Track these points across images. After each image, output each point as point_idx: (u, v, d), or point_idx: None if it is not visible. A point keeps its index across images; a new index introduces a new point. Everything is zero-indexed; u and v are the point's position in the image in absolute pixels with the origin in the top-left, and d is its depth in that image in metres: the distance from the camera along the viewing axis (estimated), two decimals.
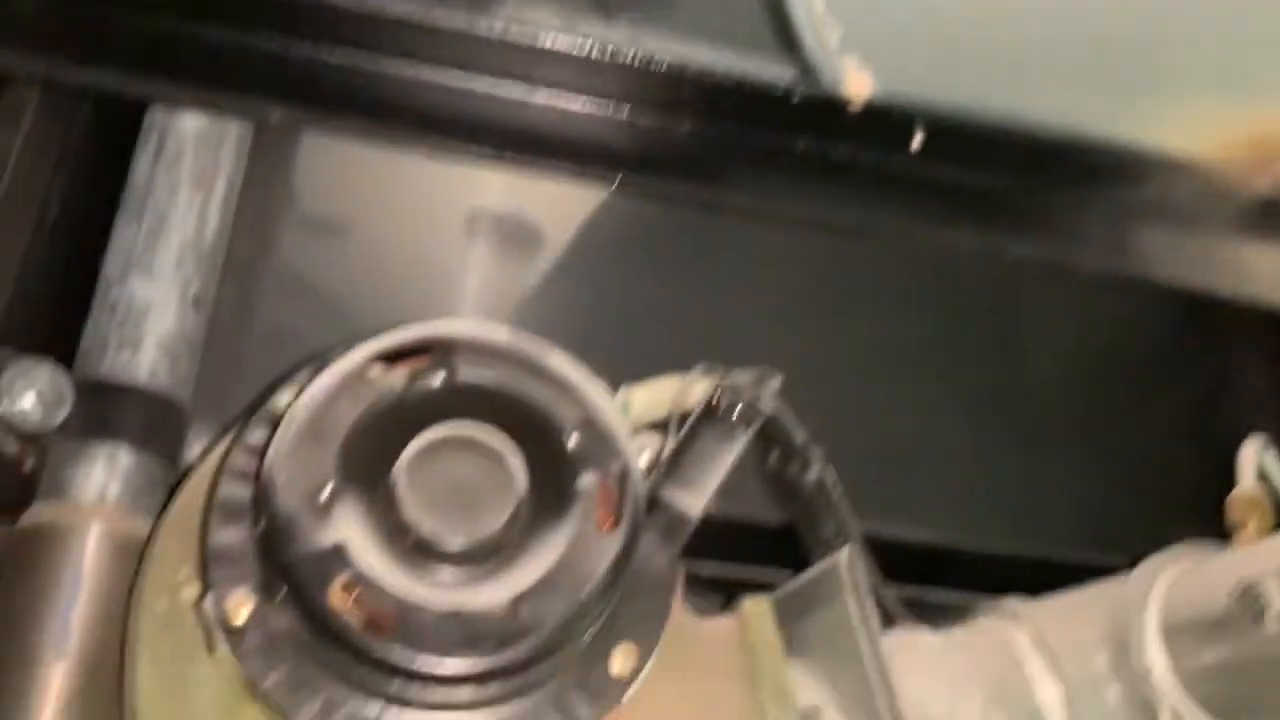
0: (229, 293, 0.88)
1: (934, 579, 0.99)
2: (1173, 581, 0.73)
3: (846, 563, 0.69)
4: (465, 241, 0.96)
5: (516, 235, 0.98)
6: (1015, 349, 1.07)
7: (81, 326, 0.81)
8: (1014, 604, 0.80)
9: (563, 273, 0.96)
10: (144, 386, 0.78)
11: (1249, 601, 0.63)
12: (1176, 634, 0.72)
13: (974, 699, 0.73)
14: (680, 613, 0.69)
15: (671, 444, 0.61)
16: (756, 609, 0.72)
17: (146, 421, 0.77)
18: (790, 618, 0.76)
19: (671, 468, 0.60)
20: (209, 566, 0.57)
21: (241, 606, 0.56)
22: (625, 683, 0.60)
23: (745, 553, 0.94)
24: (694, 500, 0.60)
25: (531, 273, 0.96)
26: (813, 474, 0.74)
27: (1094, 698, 0.74)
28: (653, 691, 0.67)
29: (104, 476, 0.75)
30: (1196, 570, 0.73)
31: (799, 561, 0.79)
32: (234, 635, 0.56)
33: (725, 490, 0.76)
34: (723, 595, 0.80)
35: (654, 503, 0.61)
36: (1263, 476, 0.77)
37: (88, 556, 0.71)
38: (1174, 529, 0.82)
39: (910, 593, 0.94)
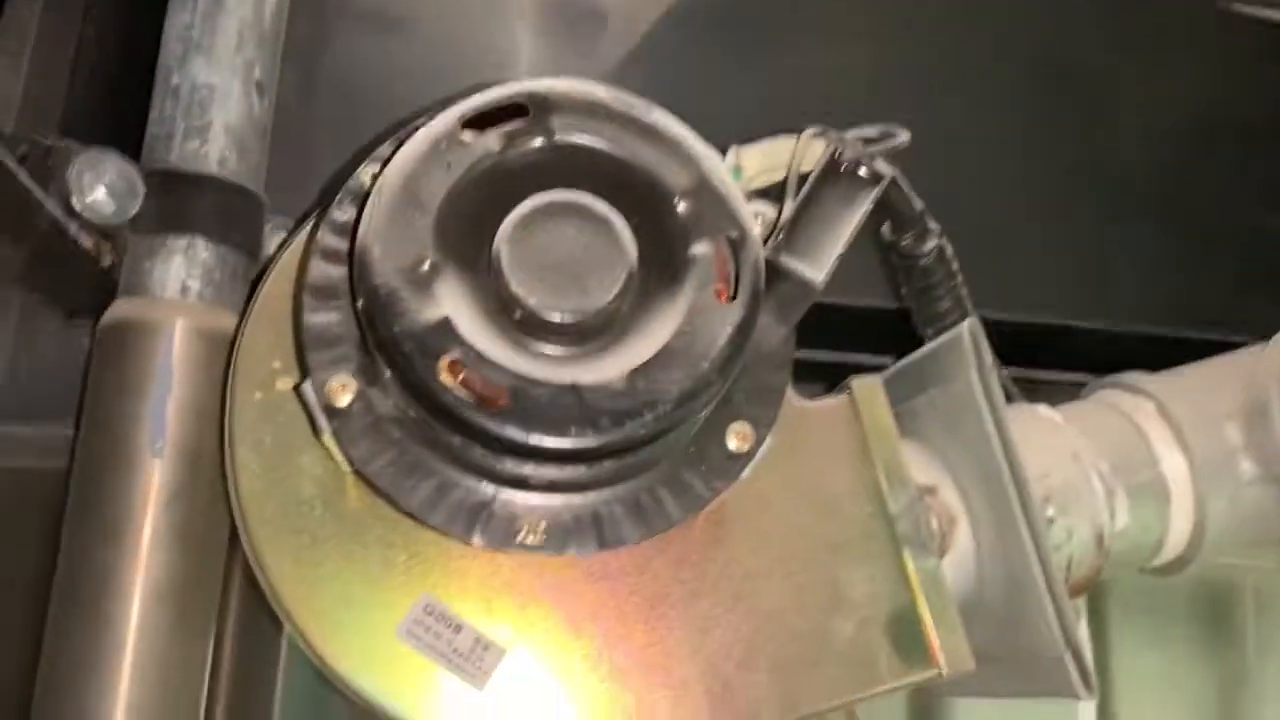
0: (291, 79, 0.83)
1: (1042, 360, 0.95)
2: None
3: (969, 335, 0.65)
4: (530, 28, 0.90)
5: (582, 20, 0.91)
6: (1115, 125, 1.00)
7: (144, 117, 0.77)
8: (1135, 376, 0.76)
9: (633, 59, 0.89)
10: (215, 175, 0.74)
11: None
12: None
13: (1096, 471, 0.70)
14: (789, 393, 0.66)
15: (790, 208, 0.56)
16: (868, 388, 0.69)
17: (222, 212, 0.74)
18: (902, 396, 0.73)
19: (791, 233, 0.56)
20: (306, 350, 0.54)
21: (344, 389, 0.54)
22: (741, 460, 0.57)
23: (843, 339, 0.91)
24: (816, 268, 0.56)
25: (601, 59, 0.89)
26: (930, 243, 0.69)
27: (1223, 469, 0.71)
28: (764, 472, 0.65)
29: (184, 270, 0.72)
30: None
31: (896, 347, 0.75)
32: (338, 419, 0.53)
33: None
34: (823, 382, 0.77)
35: (773, 271, 0.56)
36: None
37: (176, 351, 0.69)
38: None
39: (1019, 374, 0.92)
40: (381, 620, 0.60)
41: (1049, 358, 0.96)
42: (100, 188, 0.71)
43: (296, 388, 0.57)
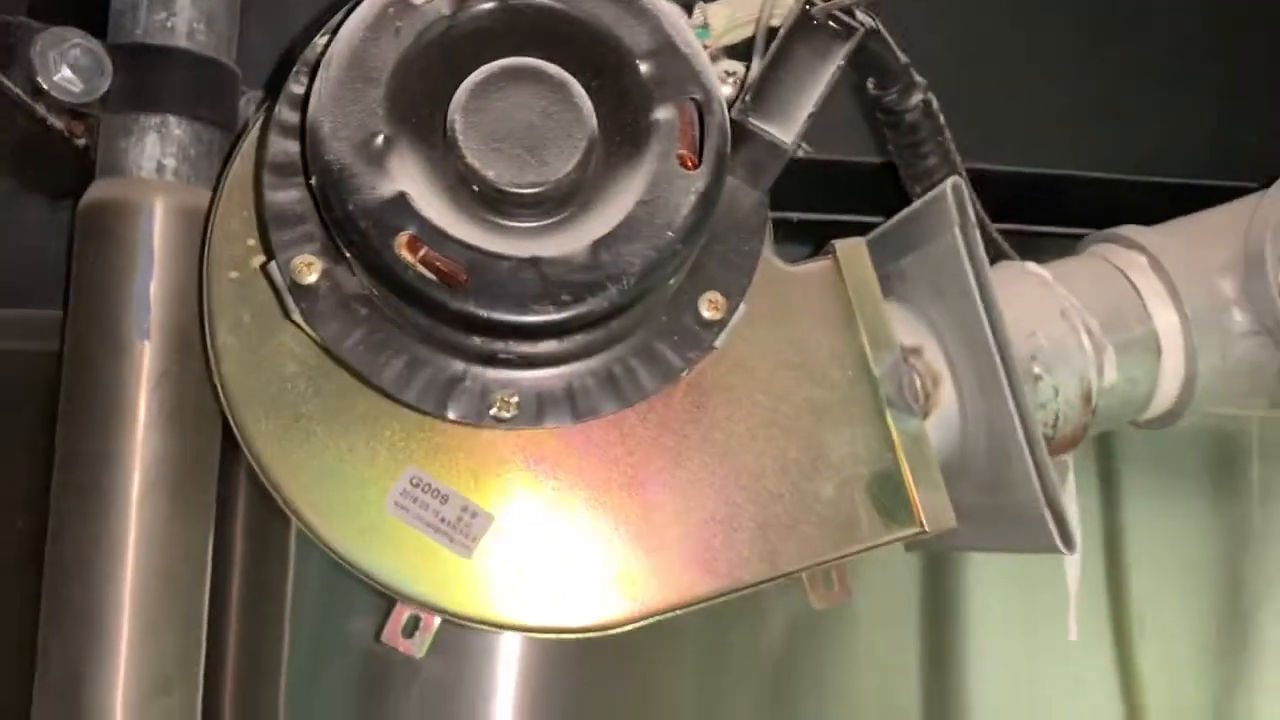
0: None
1: (1047, 213, 0.93)
2: None
3: (953, 192, 0.64)
4: None
5: None
6: None
7: None
8: (1130, 229, 0.74)
9: None
10: (184, 48, 0.72)
11: None
12: None
13: (1085, 328, 0.69)
14: (769, 258, 0.65)
15: (758, 65, 0.54)
16: (851, 249, 0.68)
17: (194, 86, 0.72)
18: (887, 258, 0.72)
19: (759, 93, 0.54)
20: (269, 230, 0.54)
21: (309, 267, 0.53)
22: (715, 329, 0.56)
23: (831, 197, 0.89)
24: (786, 129, 0.54)
25: None
26: (915, 98, 0.67)
27: (1216, 323, 0.70)
28: (745, 339, 0.65)
29: (158, 149, 0.71)
30: None
31: (889, 206, 0.73)
32: (305, 298, 0.53)
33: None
34: (810, 242, 0.76)
35: (741, 134, 0.54)
36: None
37: (156, 232, 0.69)
38: None
39: (1021, 227, 0.90)
40: (370, 494, 0.62)
41: (1050, 210, 0.94)
42: (65, 66, 0.69)
43: (264, 267, 0.56)
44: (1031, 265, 0.72)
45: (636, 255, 0.50)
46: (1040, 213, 0.92)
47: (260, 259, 0.62)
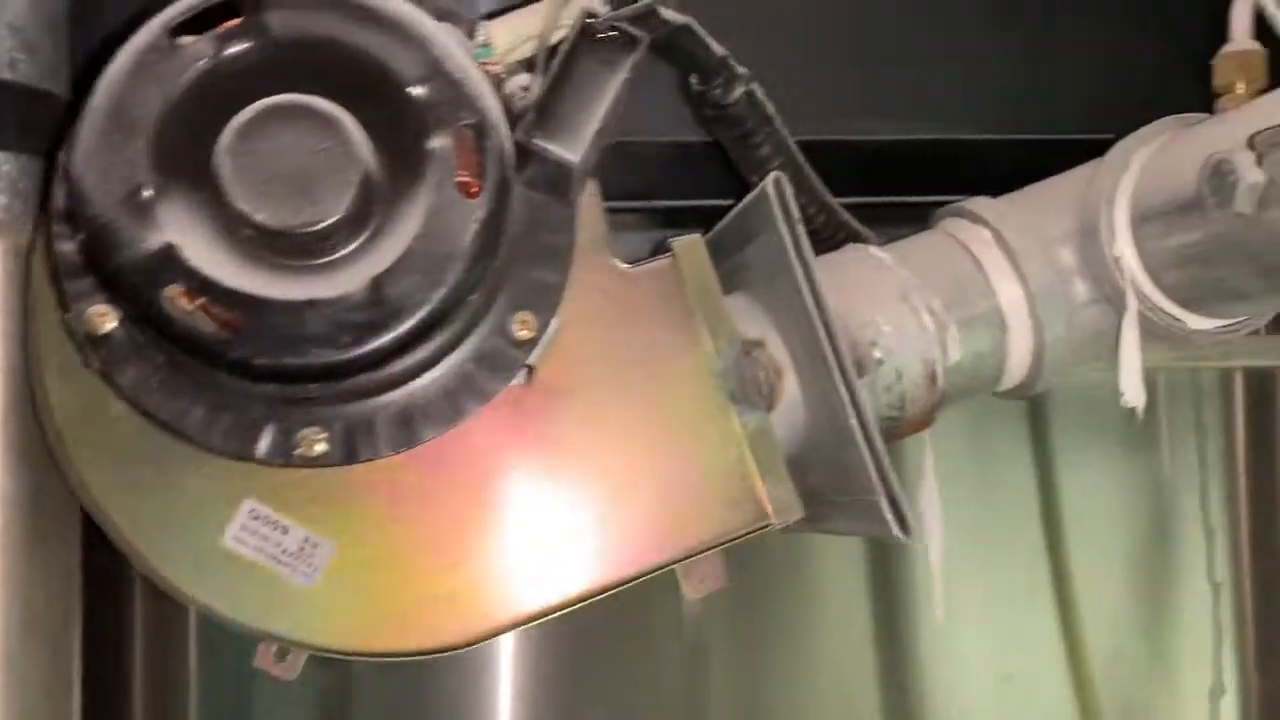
0: None
1: (920, 180, 0.92)
2: (1144, 165, 0.66)
3: (773, 188, 0.63)
4: None
5: None
6: None
7: None
8: (976, 203, 0.74)
9: None
10: (7, 80, 0.71)
11: (1217, 180, 0.56)
12: (1146, 220, 0.66)
13: (927, 308, 0.69)
14: (604, 263, 0.65)
15: (539, 83, 0.53)
16: (688, 246, 0.67)
17: (19, 119, 0.71)
18: (730, 250, 0.72)
19: (543, 111, 0.53)
20: (61, 279, 0.53)
21: (103, 317, 0.53)
22: (527, 348, 0.56)
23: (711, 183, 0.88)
24: (573, 146, 0.53)
25: None
26: (738, 90, 0.66)
27: (1059, 294, 0.70)
28: (589, 341, 0.64)
29: None
30: (1168, 149, 0.65)
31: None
32: (102, 347, 0.53)
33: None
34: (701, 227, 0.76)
35: (527, 154, 0.54)
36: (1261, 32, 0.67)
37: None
38: (1176, 98, 0.74)
39: (891, 198, 0.89)
40: (206, 529, 0.61)
41: (926, 178, 0.93)
42: None
43: (62, 319, 0.56)
44: (873, 248, 0.72)
45: (418, 289, 0.49)
46: (923, 181, 0.91)
47: None
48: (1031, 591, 0.99)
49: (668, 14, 0.60)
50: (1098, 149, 0.75)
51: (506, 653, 0.83)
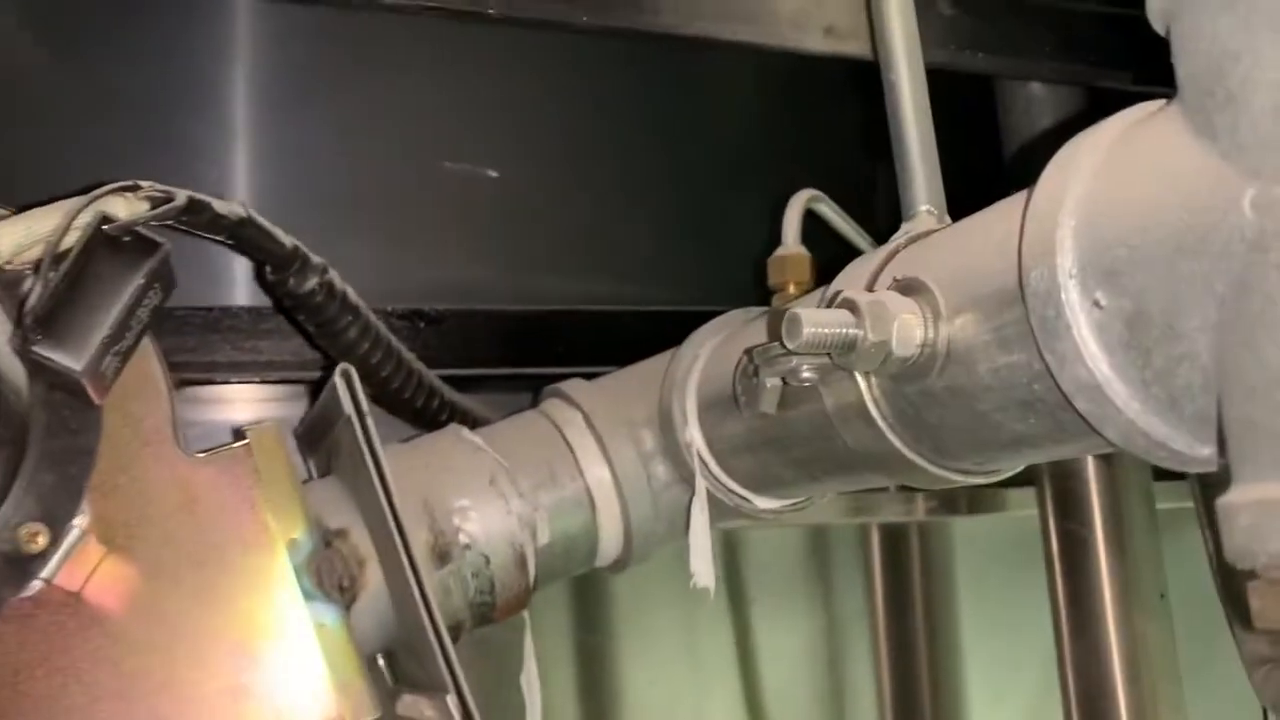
0: None
1: (552, 350, 0.94)
2: (709, 357, 0.70)
3: (341, 379, 0.63)
4: None
5: None
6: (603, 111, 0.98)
7: None
8: (571, 386, 0.76)
9: None
10: None
11: (746, 381, 0.60)
12: (708, 409, 0.69)
13: (516, 491, 0.70)
14: (168, 453, 0.62)
15: (39, 288, 0.51)
16: (262, 434, 0.66)
17: None
18: (319, 438, 0.71)
19: (44, 319, 0.50)
20: None
21: None
22: (41, 560, 0.53)
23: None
24: (76, 354, 0.51)
25: None
26: (310, 281, 0.66)
27: (642, 476, 0.72)
28: (152, 538, 0.61)
29: None
30: (726, 345, 0.70)
31: None
32: None
33: None
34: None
35: (31, 363, 0.51)
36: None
37: None
38: None
39: (517, 371, 0.91)
40: None
41: (560, 348, 0.95)
42: None
43: None
44: (466, 432, 0.73)
45: None
46: (540, 352, 0.93)
47: None
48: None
49: (223, 208, 0.60)
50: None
51: None
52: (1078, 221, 0.41)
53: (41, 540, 0.53)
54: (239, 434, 0.67)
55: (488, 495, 0.70)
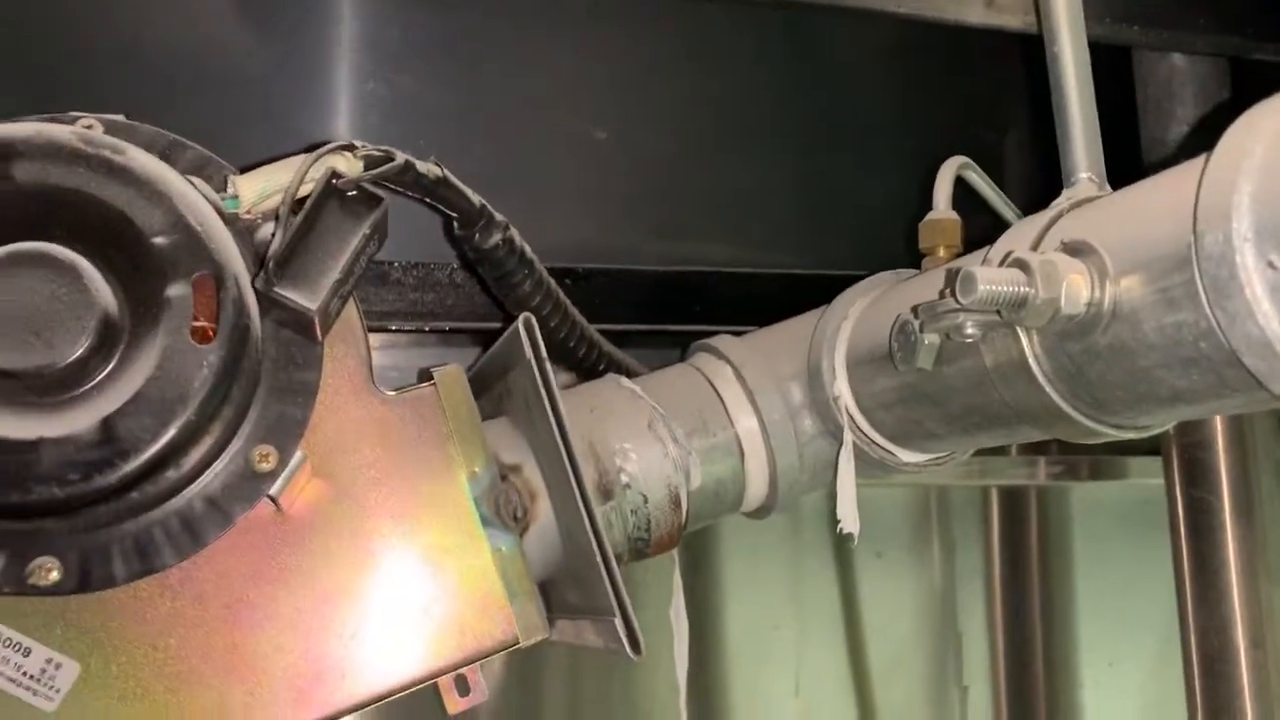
0: None
1: (685, 309, 0.99)
2: (859, 315, 0.74)
3: (524, 326, 0.68)
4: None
5: None
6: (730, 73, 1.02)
7: None
8: (720, 341, 0.80)
9: None
10: None
11: (902, 338, 0.64)
12: (858, 365, 0.73)
13: (671, 437, 0.75)
14: (366, 391, 0.68)
15: (281, 235, 0.57)
16: (448, 375, 0.71)
17: None
18: (495, 377, 0.76)
19: (283, 262, 0.57)
20: None
21: None
22: (269, 479, 0.59)
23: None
24: (312, 295, 0.57)
25: None
26: (494, 237, 0.71)
27: (789, 427, 0.77)
28: (345, 467, 0.67)
29: None
30: (877, 303, 0.73)
31: None
32: None
33: None
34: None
35: (267, 302, 0.57)
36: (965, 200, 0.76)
37: None
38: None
39: (658, 326, 0.96)
40: None
41: (700, 307, 1.00)
42: None
43: None
44: (624, 380, 0.77)
45: (147, 429, 0.52)
46: (681, 311, 0.98)
47: None
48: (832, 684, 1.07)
49: (427, 169, 0.65)
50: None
51: None
52: (1254, 187, 0.43)
53: (272, 461, 0.59)
54: (425, 375, 0.73)
55: (646, 439, 0.75)
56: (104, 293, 0.53)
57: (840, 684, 1.10)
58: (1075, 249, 0.53)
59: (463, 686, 0.72)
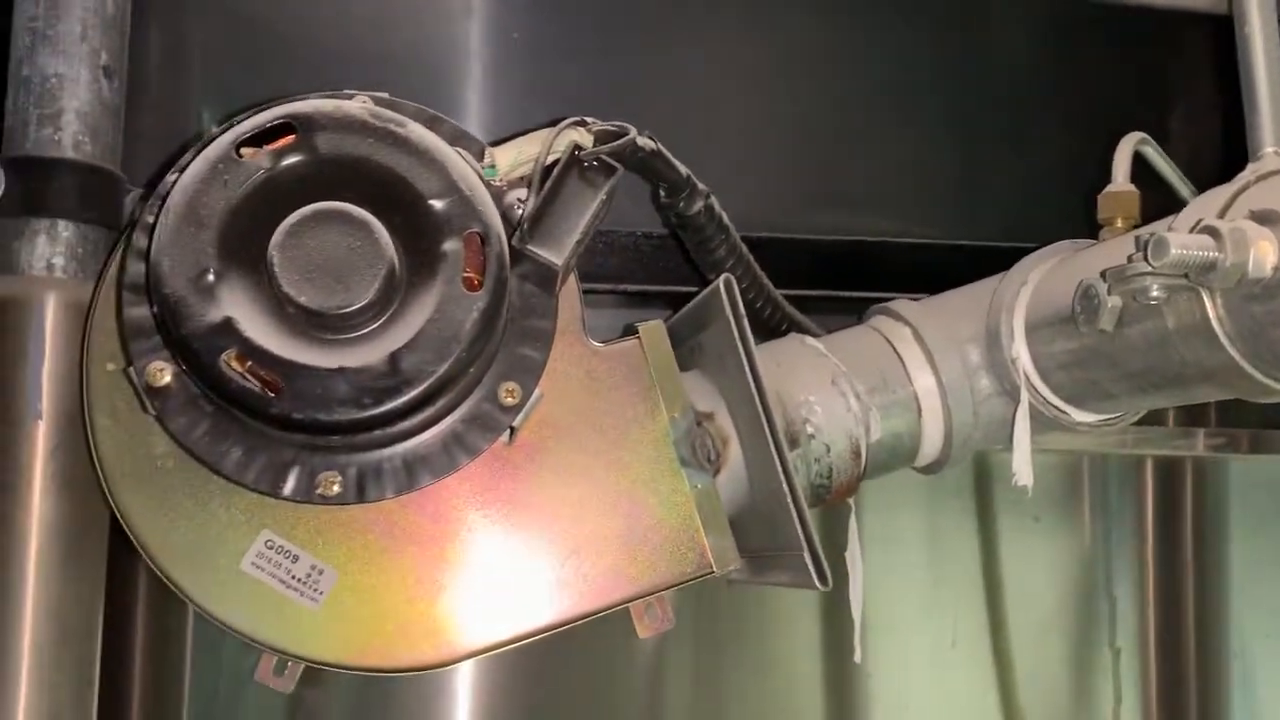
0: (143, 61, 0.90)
1: (857, 277, 1.04)
2: (1038, 281, 0.79)
3: (724, 286, 0.75)
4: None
5: None
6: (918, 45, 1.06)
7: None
8: (899, 304, 0.86)
9: None
10: (71, 159, 0.82)
11: (1086, 301, 0.69)
12: (1036, 329, 0.78)
13: (853, 392, 0.81)
14: (580, 343, 0.76)
15: (533, 199, 0.65)
16: (652, 330, 0.79)
17: (79, 192, 0.82)
18: (688, 333, 0.84)
19: (535, 222, 0.65)
20: (127, 340, 0.64)
21: (162, 371, 0.64)
22: (512, 412, 0.67)
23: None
24: (557, 252, 0.65)
25: None
26: (698, 204, 0.78)
27: (966, 387, 0.82)
28: (561, 407, 0.76)
29: (48, 249, 0.81)
30: (1056, 270, 0.78)
31: None
32: (158, 398, 0.63)
33: None
34: (669, 309, 0.88)
35: (519, 257, 0.66)
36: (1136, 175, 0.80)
37: (48, 324, 0.79)
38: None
39: (832, 292, 1.02)
40: (228, 554, 0.72)
41: (863, 275, 1.05)
42: None
43: (125, 371, 0.67)
44: (809, 339, 0.84)
45: (427, 364, 0.61)
46: (860, 278, 1.03)
47: None
48: (972, 642, 1.11)
49: (643, 143, 0.73)
50: (1015, 257, 0.88)
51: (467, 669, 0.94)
52: None
53: (516, 396, 0.68)
54: (630, 329, 0.81)
55: (830, 393, 0.81)
56: (389, 246, 0.62)
57: (982, 643, 1.14)
58: (1263, 217, 0.57)
59: (652, 613, 0.81)
